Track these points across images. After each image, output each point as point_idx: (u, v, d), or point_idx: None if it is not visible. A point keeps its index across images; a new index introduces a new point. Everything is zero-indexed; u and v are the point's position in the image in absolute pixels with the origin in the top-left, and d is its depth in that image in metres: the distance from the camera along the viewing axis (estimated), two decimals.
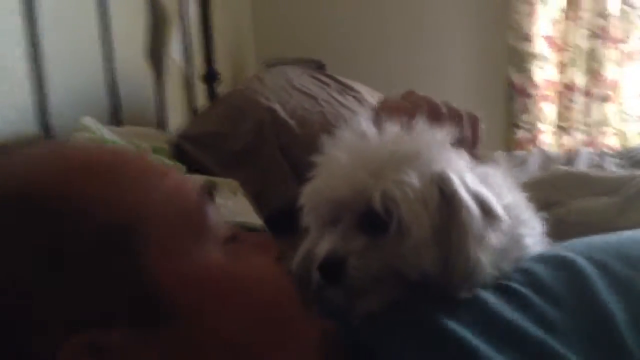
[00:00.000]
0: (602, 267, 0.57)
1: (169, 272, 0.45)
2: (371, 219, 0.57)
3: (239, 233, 0.54)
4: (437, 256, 0.56)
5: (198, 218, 0.49)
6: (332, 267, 0.56)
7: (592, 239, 0.65)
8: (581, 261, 0.58)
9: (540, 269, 0.59)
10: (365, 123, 0.62)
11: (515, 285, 0.57)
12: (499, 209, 0.59)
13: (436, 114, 0.69)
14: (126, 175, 0.48)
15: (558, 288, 0.56)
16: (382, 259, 0.57)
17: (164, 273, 0.45)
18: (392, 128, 0.61)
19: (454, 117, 0.77)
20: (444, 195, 0.57)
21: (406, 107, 0.75)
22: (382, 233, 0.57)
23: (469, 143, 0.77)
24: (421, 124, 0.62)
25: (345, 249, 0.56)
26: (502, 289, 0.57)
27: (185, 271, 0.46)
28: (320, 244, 0.59)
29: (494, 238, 0.58)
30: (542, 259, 0.61)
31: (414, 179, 0.56)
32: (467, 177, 0.60)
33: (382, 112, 0.66)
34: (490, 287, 0.58)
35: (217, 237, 0.50)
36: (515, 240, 0.62)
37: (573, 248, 0.62)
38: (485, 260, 0.56)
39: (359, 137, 0.62)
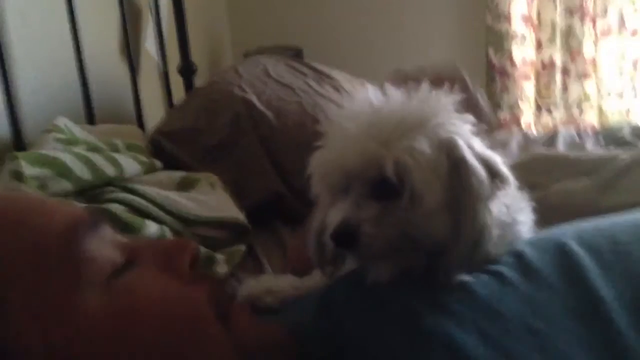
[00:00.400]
0: (593, 250, 0.58)
1: (37, 340, 0.42)
2: (383, 186, 0.57)
3: (141, 252, 0.50)
4: (447, 222, 0.57)
5: (62, 268, 0.44)
6: (346, 235, 0.57)
7: (583, 224, 0.65)
8: (572, 244, 0.59)
9: (531, 253, 0.59)
10: (371, 91, 0.63)
11: (504, 269, 0.57)
12: (505, 170, 0.60)
13: (440, 80, 0.68)
14: None
15: (548, 271, 0.57)
16: (394, 226, 0.57)
17: (32, 342, 0.41)
18: (398, 95, 0.62)
19: (459, 81, 0.76)
20: (452, 161, 0.58)
21: (414, 74, 0.74)
22: (394, 200, 0.57)
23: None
24: (426, 90, 0.62)
25: (357, 216, 0.57)
26: (492, 274, 0.57)
27: (55, 334, 0.42)
28: (332, 212, 0.59)
29: (502, 200, 0.60)
30: (534, 242, 0.62)
31: (424, 145, 0.57)
32: (474, 141, 0.61)
33: (392, 83, 0.65)
34: (481, 272, 0.58)
35: (96, 277, 0.45)
36: (511, 225, 0.63)
37: (564, 232, 0.62)
38: (491, 224, 0.57)
39: (365, 105, 0.62)
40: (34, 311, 0.42)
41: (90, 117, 1.40)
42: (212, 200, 1.21)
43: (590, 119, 2.47)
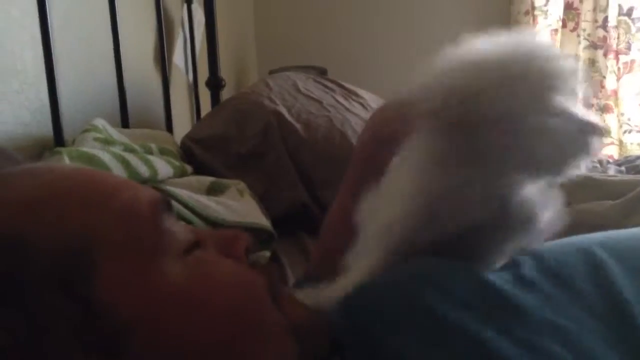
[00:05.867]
0: (616, 254, 0.59)
1: (124, 299, 0.44)
2: None
3: (203, 237, 0.54)
4: None
5: (151, 235, 0.47)
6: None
7: (606, 232, 0.66)
8: (595, 248, 0.59)
9: (552, 255, 0.60)
10: None
11: (525, 269, 0.58)
12: None
13: None
14: (70, 201, 0.46)
15: (570, 271, 0.58)
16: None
17: (119, 301, 0.44)
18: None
19: None
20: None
21: None
22: None
23: None
24: None
25: None
26: (512, 273, 0.58)
27: (140, 295, 0.45)
28: None
29: None
30: (554, 246, 0.63)
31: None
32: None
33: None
34: (502, 270, 0.59)
35: (175, 249, 0.49)
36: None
37: (587, 238, 0.63)
38: None
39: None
40: (123, 275, 0.45)
41: (125, 121, 1.43)
42: (240, 206, 1.24)
43: (611, 152, 2.48)
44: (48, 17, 1.14)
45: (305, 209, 1.37)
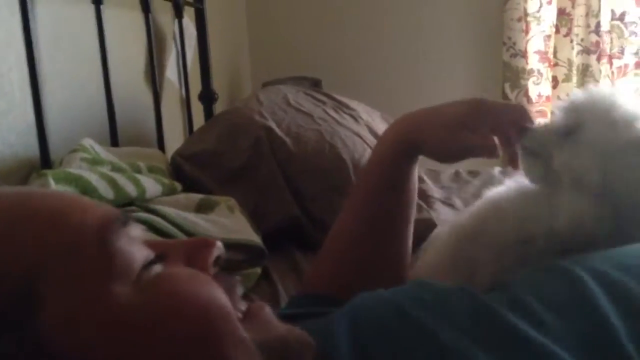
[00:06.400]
0: (600, 275, 0.58)
1: (73, 336, 0.43)
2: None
3: (168, 248, 0.52)
4: None
5: (98, 261, 0.45)
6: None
7: (591, 254, 0.66)
8: (579, 270, 0.59)
9: (541, 277, 0.61)
10: None
11: (519, 292, 0.58)
12: None
13: None
14: (11, 238, 0.45)
15: (558, 295, 0.58)
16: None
17: (68, 338, 0.42)
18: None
19: None
20: None
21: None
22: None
23: None
24: None
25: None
26: (508, 297, 0.58)
27: (90, 327, 0.43)
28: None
29: None
30: (543, 268, 0.63)
31: None
32: None
33: None
34: (497, 293, 0.59)
35: (128, 270, 0.46)
36: None
37: (571, 260, 0.63)
38: None
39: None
40: (68, 303, 0.43)
41: (114, 139, 1.43)
42: (230, 223, 1.23)
43: None
44: (32, 37, 1.14)
45: (296, 223, 1.37)
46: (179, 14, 1.86)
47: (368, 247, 0.86)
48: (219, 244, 0.54)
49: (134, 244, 0.49)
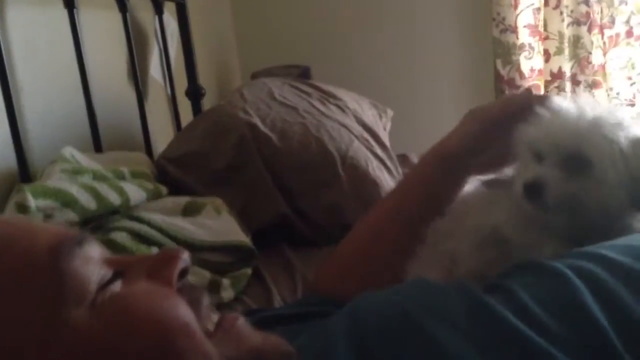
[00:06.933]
0: (587, 275, 0.58)
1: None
2: (574, 161, 0.71)
3: (129, 264, 0.50)
4: (622, 198, 0.71)
5: (49, 286, 0.44)
6: (534, 187, 0.72)
7: (581, 249, 0.65)
8: (568, 272, 0.59)
9: (532, 280, 0.60)
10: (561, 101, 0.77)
11: (521, 296, 0.58)
12: None
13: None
14: None
15: (548, 295, 0.57)
16: (575, 192, 0.71)
17: None
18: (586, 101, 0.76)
19: None
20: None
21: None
22: (580, 175, 0.71)
23: None
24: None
25: (548, 176, 0.72)
26: (509, 299, 0.58)
27: (47, 352, 0.42)
28: (527, 172, 0.74)
29: None
30: (528, 267, 0.63)
31: (622, 140, 0.71)
32: None
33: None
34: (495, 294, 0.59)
35: (83, 292, 0.45)
36: None
37: (560, 258, 0.62)
38: None
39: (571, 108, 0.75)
40: (18, 334, 0.42)
41: (97, 145, 1.41)
42: (217, 224, 1.22)
43: None
44: (3, 45, 1.12)
45: (285, 220, 1.35)
46: (159, 11, 1.83)
47: (407, 254, 0.83)
48: (184, 255, 0.53)
49: (89, 265, 0.47)
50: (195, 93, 2.01)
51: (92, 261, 0.48)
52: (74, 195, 1.05)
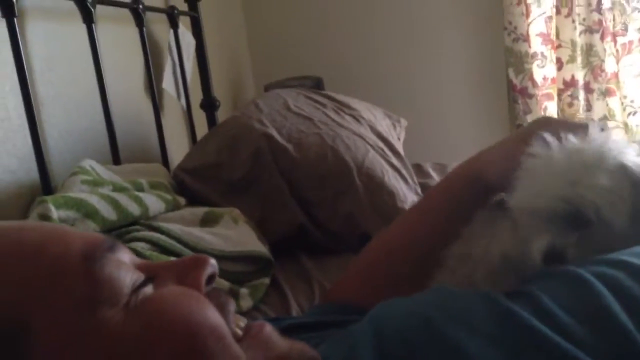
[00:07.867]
0: (610, 281, 0.58)
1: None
2: (576, 218, 0.71)
3: (158, 269, 0.52)
4: (637, 230, 0.70)
5: (84, 289, 0.45)
6: (556, 257, 0.70)
7: (603, 256, 0.65)
8: (591, 278, 0.59)
9: (555, 286, 0.60)
10: (549, 139, 0.76)
11: (545, 301, 0.58)
12: None
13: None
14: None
15: (573, 301, 0.57)
16: (592, 247, 0.69)
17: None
18: (571, 140, 0.75)
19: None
20: (631, 180, 0.71)
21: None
22: (587, 228, 0.71)
23: None
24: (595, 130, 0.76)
25: (563, 243, 0.71)
26: (533, 304, 0.58)
27: (81, 352, 0.43)
28: (538, 240, 0.72)
29: None
30: (551, 274, 0.63)
31: (606, 180, 0.70)
32: (633, 155, 0.73)
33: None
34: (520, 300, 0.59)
35: (116, 295, 0.46)
36: None
37: (582, 265, 0.62)
38: None
39: (555, 150, 0.75)
40: (56, 335, 0.43)
41: (115, 157, 1.43)
42: (235, 234, 1.23)
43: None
44: (24, 63, 1.14)
45: (302, 230, 1.36)
46: (174, 25, 1.85)
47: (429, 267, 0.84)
48: (212, 261, 0.54)
49: (122, 268, 0.48)
50: (210, 105, 2.04)
51: (124, 265, 0.49)
52: (95, 206, 1.06)
